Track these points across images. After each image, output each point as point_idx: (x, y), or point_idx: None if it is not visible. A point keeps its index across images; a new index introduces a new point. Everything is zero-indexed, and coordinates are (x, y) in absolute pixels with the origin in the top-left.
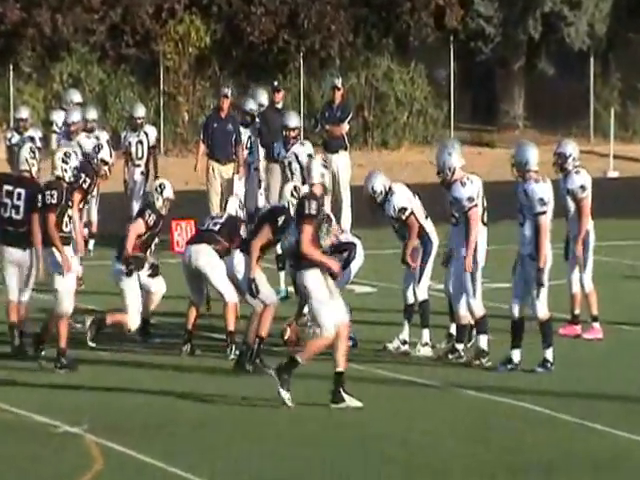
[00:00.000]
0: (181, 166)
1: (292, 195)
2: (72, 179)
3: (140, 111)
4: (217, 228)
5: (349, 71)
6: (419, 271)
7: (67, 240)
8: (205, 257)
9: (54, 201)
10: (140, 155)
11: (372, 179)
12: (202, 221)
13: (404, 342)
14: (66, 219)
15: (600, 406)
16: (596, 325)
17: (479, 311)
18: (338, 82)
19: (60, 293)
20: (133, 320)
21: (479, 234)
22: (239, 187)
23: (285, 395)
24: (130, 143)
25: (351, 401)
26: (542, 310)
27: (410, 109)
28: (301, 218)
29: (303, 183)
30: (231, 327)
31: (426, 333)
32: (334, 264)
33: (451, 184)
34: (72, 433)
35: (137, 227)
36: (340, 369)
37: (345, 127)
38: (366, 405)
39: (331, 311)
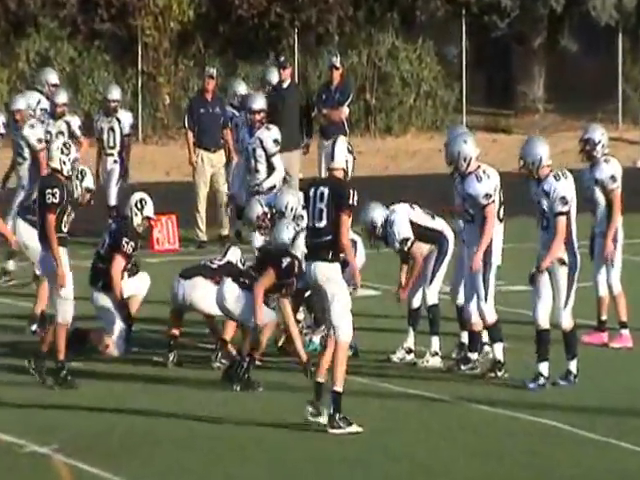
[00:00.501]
0: (161, 154)
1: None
2: (71, 173)
3: (114, 93)
4: (214, 267)
5: (349, 49)
6: (432, 272)
7: (64, 241)
8: (200, 291)
9: (55, 200)
10: (112, 144)
11: (370, 212)
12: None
13: (409, 351)
14: (65, 219)
15: (628, 423)
16: (625, 332)
17: (491, 317)
18: (337, 61)
19: (56, 300)
20: (118, 345)
21: (494, 232)
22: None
23: (353, 429)
24: (102, 129)
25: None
26: (567, 319)
27: (417, 91)
28: (342, 207)
29: (269, 171)
30: (226, 335)
31: (435, 341)
32: (357, 270)
33: (465, 177)
34: (40, 453)
35: (118, 266)
36: (338, 388)
37: (344, 111)
38: (369, 421)
39: (350, 318)
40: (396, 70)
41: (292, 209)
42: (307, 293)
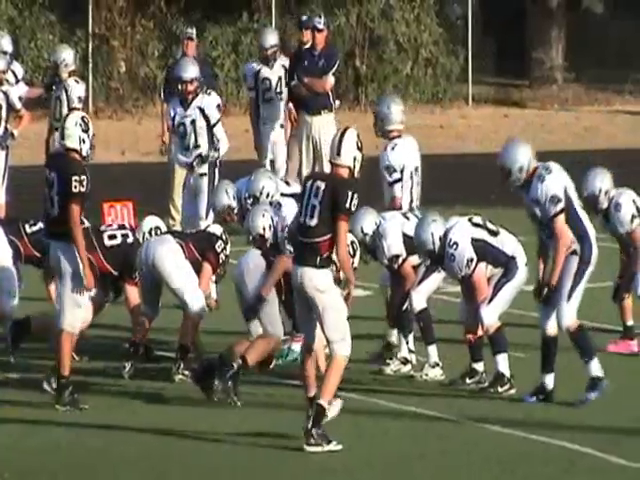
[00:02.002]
0: (116, 131)
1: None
2: (89, 154)
3: (62, 54)
4: (188, 232)
5: (336, 7)
6: (425, 270)
7: (87, 234)
8: (167, 246)
9: (83, 189)
10: (58, 116)
11: (361, 219)
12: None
13: (405, 361)
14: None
15: None
16: None
17: (492, 323)
18: (319, 22)
19: (66, 304)
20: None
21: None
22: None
23: (331, 447)
24: (51, 97)
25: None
26: (568, 316)
27: (415, 57)
28: (337, 211)
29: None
30: (185, 340)
31: (433, 351)
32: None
33: (528, 184)
34: None
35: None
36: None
37: (330, 80)
38: (357, 443)
39: (347, 329)
40: (390, 33)
41: (268, 194)
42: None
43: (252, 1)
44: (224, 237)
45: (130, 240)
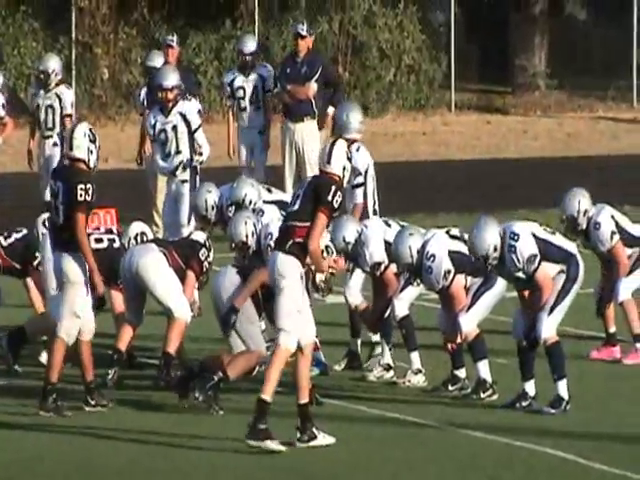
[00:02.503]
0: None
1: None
2: (96, 164)
3: (52, 63)
4: (172, 240)
5: (318, 14)
6: (405, 280)
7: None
8: (150, 255)
9: (89, 198)
10: (51, 124)
11: (342, 229)
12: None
13: (388, 367)
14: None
15: None
16: None
17: (470, 330)
18: (302, 29)
19: (65, 312)
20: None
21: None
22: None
23: (272, 446)
24: (39, 106)
25: (324, 438)
26: (547, 329)
27: (398, 64)
28: (318, 201)
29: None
30: (170, 348)
31: (416, 357)
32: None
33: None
34: None
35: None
36: (303, 401)
37: (312, 87)
38: (340, 450)
39: (299, 320)
40: (373, 40)
41: (250, 202)
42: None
43: (235, 8)
44: (207, 244)
45: (117, 245)
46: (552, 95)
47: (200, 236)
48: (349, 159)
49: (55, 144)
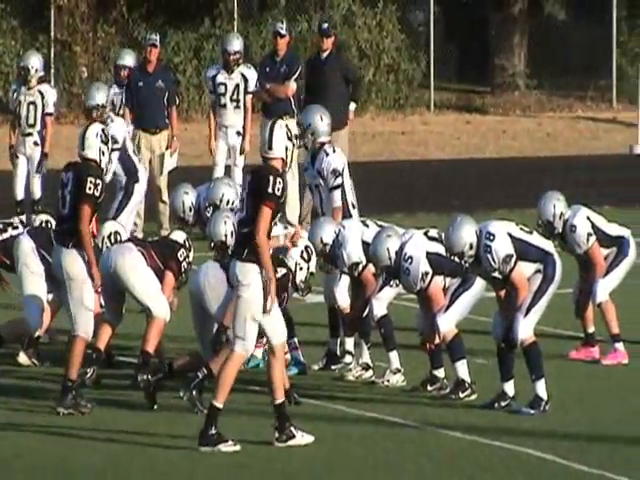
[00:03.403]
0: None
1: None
2: (108, 166)
3: (33, 60)
4: (151, 240)
5: (298, 13)
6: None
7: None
8: (129, 255)
9: (97, 193)
10: (32, 121)
11: (319, 230)
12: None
13: (367, 367)
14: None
15: (626, 453)
16: (619, 347)
17: (447, 330)
18: (282, 27)
19: (77, 309)
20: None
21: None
22: (172, 163)
23: (225, 449)
24: (20, 102)
25: (303, 437)
26: (524, 329)
27: (377, 64)
28: (260, 197)
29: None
30: (149, 347)
31: (395, 357)
32: (273, 280)
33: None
34: None
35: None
36: (279, 400)
37: (292, 86)
38: (318, 450)
39: (255, 328)
40: (353, 39)
41: (228, 202)
42: None
43: (214, 7)
44: (187, 244)
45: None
46: (531, 95)
47: (179, 236)
48: (289, 139)
49: (36, 143)
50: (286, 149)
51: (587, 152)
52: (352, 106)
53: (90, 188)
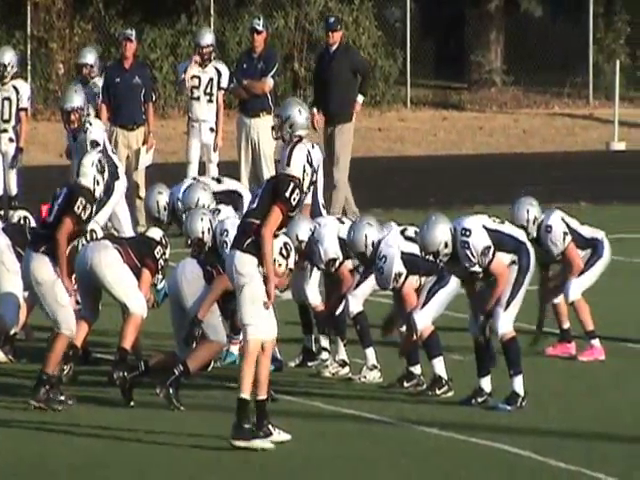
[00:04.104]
0: (55, 133)
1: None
2: (102, 196)
3: (8, 56)
4: (127, 237)
5: (274, 10)
6: (361, 274)
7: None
8: (104, 252)
9: (84, 216)
10: (7, 116)
11: (296, 227)
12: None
13: (343, 364)
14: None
15: (602, 449)
16: (595, 343)
17: (424, 327)
18: (259, 24)
19: (54, 309)
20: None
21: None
22: (147, 160)
23: (266, 444)
24: None
25: (280, 434)
26: (505, 324)
27: None
28: (275, 197)
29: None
30: (126, 343)
31: (371, 353)
32: (272, 275)
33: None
34: None
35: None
36: (262, 397)
37: (269, 83)
38: (295, 446)
39: (263, 313)
40: None
41: (203, 206)
42: None
43: (190, 4)
44: (163, 241)
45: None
46: (508, 91)
47: (156, 233)
48: (309, 162)
49: (11, 139)
50: (304, 172)
51: (563, 149)
52: (360, 98)
53: (79, 207)
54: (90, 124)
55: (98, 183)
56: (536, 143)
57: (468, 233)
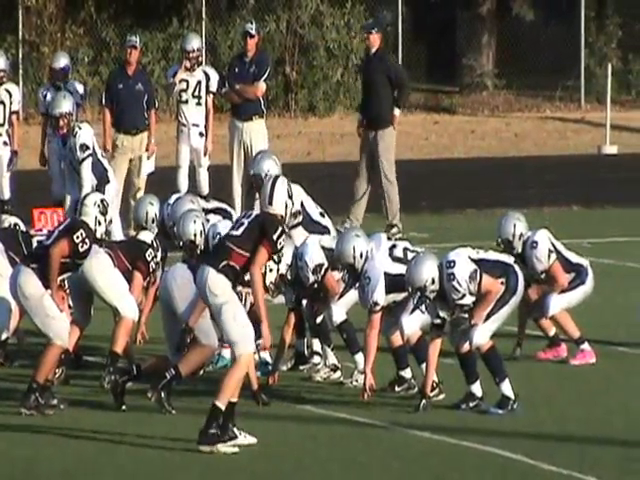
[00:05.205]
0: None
1: None
2: (104, 236)
3: (1, 61)
4: (118, 241)
5: (266, 13)
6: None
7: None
8: (97, 262)
9: (81, 249)
10: (1, 121)
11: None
12: None
13: (335, 368)
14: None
15: (594, 453)
16: (585, 347)
17: (412, 332)
18: (252, 28)
19: (45, 321)
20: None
21: None
22: (149, 167)
23: (225, 448)
24: None
25: (245, 438)
26: (480, 335)
27: (345, 64)
28: (262, 238)
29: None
30: (117, 347)
31: (360, 358)
32: (266, 329)
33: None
34: None
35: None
36: (220, 403)
37: (261, 87)
38: (287, 450)
39: (247, 323)
40: (321, 39)
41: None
42: None
43: (182, 8)
44: (155, 244)
45: None
46: (500, 95)
47: (147, 236)
48: (290, 197)
49: (5, 143)
50: (286, 207)
51: (555, 152)
52: (396, 111)
53: (78, 237)
54: (79, 128)
55: (99, 224)
56: (528, 147)
57: (452, 264)
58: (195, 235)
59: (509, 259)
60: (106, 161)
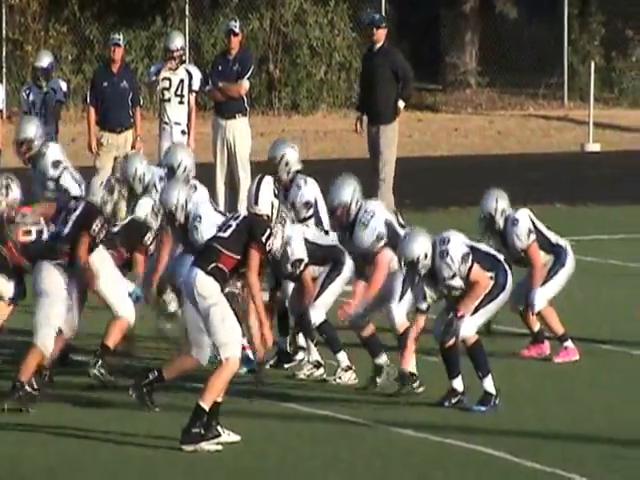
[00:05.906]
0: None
1: None
2: (109, 217)
3: None
4: (116, 230)
5: (249, 12)
6: (322, 283)
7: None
8: (95, 259)
9: (97, 236)
10: None
11: None
12: None
13: (318, 365)
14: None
15: (577, 450)
16: (569, 344)
17: (402, 322)
18: (235, 26)
19: (41, 321)
20: None
21: None
22: None
23: (212, 447)
24: None
25: (229, 435)
26: (467, 328)
27: (329, 62)
28: (252, 241)
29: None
30: (109, 341)
31: (343, 356)
32: (268, 331)
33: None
34: None
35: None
36: (204, 404)
37: (245, 85)
38: (270, 448)
39: (235, 327)
40: (304, 37)
41: (185, 168)
42: None
43: (166, 6)
44: (149, 219)
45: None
46: (483, 93)
47: (142, 210)
48: (276, 196)
49: None
50: (272, 206)
51: (539, 150)
52: (401, 104)
53: (94, 231)
54: (47, 147)
55: (106, 203)
56: (511, 144)
57: (447, 241)
58: (176, 208)
59: (500, 256)
60: (78, 175)
